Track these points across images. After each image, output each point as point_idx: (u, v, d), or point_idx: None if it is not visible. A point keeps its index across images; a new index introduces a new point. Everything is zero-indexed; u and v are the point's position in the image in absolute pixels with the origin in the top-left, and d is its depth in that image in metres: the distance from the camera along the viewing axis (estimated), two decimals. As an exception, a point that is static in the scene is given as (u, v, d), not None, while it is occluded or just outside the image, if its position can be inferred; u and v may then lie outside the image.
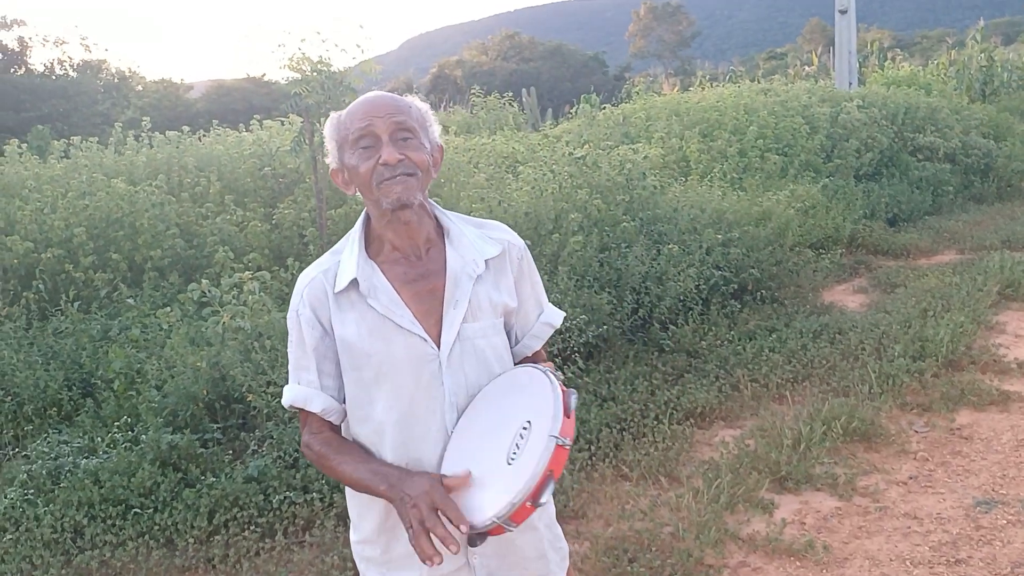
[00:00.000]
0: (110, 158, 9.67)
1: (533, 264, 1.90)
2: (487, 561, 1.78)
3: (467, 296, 1.74)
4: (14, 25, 31.21)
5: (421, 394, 1.72)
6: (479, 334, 1.76)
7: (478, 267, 1.76)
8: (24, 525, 3.93)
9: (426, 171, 1.72)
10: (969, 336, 5.87)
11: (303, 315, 1.76)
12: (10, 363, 5.50)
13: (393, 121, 1.69)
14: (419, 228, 1.75)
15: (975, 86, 17.78)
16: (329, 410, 1.79)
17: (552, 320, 1.92)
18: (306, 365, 1.78)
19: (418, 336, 1.71)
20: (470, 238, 1.80)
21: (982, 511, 3.80)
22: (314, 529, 3.83)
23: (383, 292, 1.72)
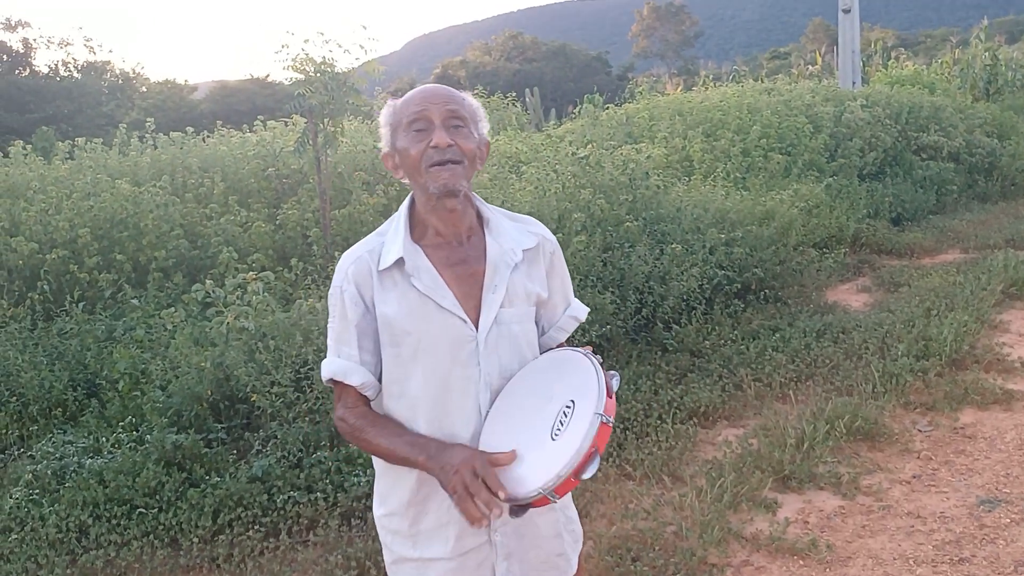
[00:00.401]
0: (114, 159, 9.72)
1: (563, 259, 1.98)
2: (507, 540, 1.84)
3: (505, 282, 1.82)
4: (19, 27, 31.30)
5: (457, 373, 1.78)
6: (515, 319, 1.84)
7: (516, 256, 1.84)
8: (29, 525, 3.94)
9: (472, 161, 1.79)
10: (973, 335, 5.86)
11: (347, 291, 1.82)
12: (15, 364, 5.52)
13: (447, 108, 1.77)
14: (463, 216, 1.82)
15: (979, 85, 17.74)
16: (367, 384, 1.84)
17: (577, 314, 2.00)
18: (347, 340, 1.83)
19: (458, 317, 1.78)
20: (508, 229, 1.88)
21: (986, 510, 3.80)
22: (318, 528, 3.83)
23: (426, 273, 1.79)
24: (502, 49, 61.87)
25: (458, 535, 1.81)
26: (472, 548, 1.83)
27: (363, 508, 3.95)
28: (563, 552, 1.92)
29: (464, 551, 1.82)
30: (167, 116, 26.44)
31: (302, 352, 4.70)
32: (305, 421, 4.51)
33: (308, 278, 6.49)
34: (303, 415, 4.53)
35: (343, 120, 7.46)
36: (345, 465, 4.24)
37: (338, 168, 8.50)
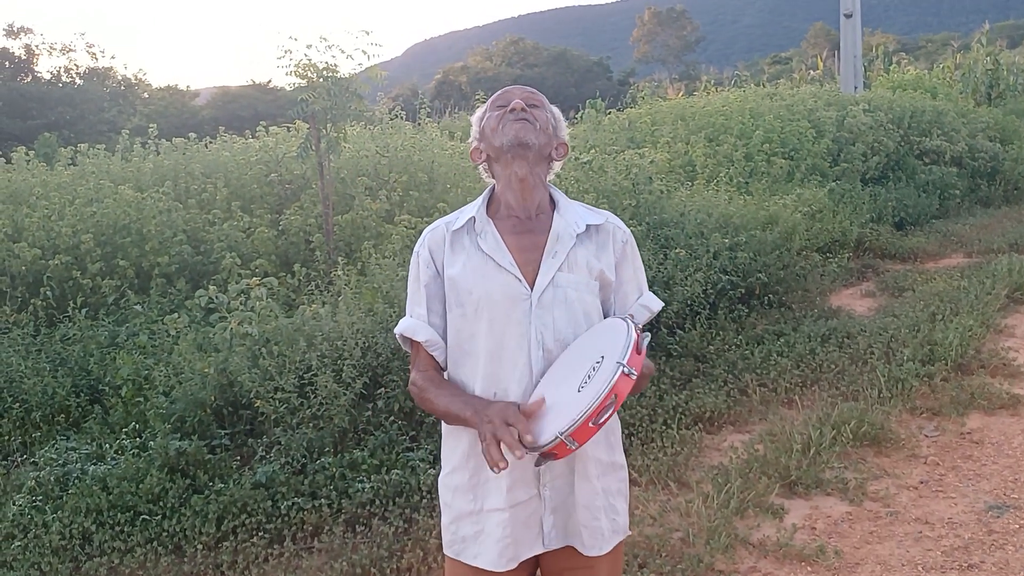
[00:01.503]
0: (117, 165, 9.70)
1: (637, 252, 2.08)
2: (555, 495, 1.95)
3: (566, 251, 1.94)
4: (21, 33, 31.36)
5: (512, 329, 1.91)
6: (571, 285, 1.94)
7: (579, 228, 1.97)
8: (32, 532, 3.92)
9: (546, 131, 1.95)
10: (978, 340, 5.85)
11: (422, 255, 2.01)
12: (18, 370, 5.51)
13: (528, 94, 1.98)
14: (533, 189, 1.96)
15: (981, 89, 17.73)
16: (432, 342, 2.00)
17: (651, 304, 2.07)
18: (418, 300, 2.01)
19: (514, 276, 1.92)
20: (577, 209, 2.02)
21: (994, 515, 3.78)
22: (322, 535, 3.81)
23: (491, 236, 1.95)
24: (503, 55, 61.98)
25: (510, 487, 1.92)
26: (523, 500, 1.93)
27: (367, 515, 3.94)
28: (598, 529, 1.97)
29: (516, 502, 1.93)
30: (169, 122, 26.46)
31: (305, 358, 4.69)
32: (309, 427, 4.49)
33: (311, 283, 6.47)
34: (307, 421, 4.51)
35: (346, 125, 7.45)
36: (349, 471, 4.22)
37: (341, 173, 8.48)
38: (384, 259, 5.95)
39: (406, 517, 3.88)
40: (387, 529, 3.77)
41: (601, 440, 1.95)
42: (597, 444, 1.94)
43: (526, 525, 1.94)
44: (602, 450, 1.98)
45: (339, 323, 4.92)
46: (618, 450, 2.04)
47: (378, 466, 4.25)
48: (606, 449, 1.99)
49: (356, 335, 4.84)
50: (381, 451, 4.38)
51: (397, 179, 8.42)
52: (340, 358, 4.71)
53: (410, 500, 4.00)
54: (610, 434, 2.01)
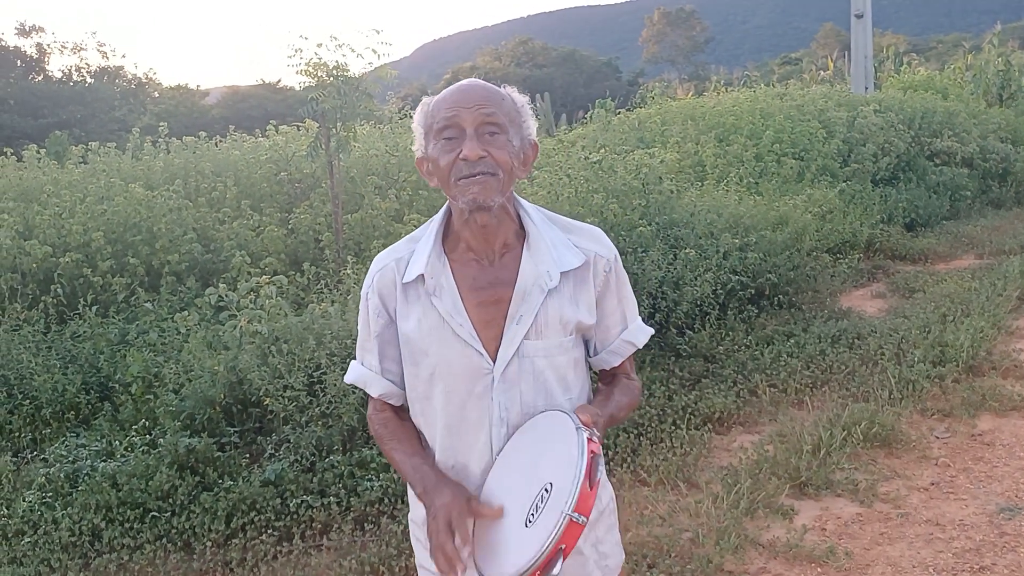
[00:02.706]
0: (127, 163, 9.75)
1: (624, 277, 1.80)
2: None
3: (533, 311, 1.66)
4: (33, 32, 31.52)
5: (472, 404, 1.68)
6: (541, 353, 1.68)
7: (552, 280, 1.67)
8: (42, 528, 3.94)
9: (509, 172, 1.63)
10: (989, 341, 5.82)
11: (371, 301, 1.76)
12: (29, 367, 5.53)
13: (481, 113, 1.60)
14: (496, 231, 1.68)
15: (992, 90, 17.62)
16: (388, 395, 1.80)
17: (635, 338, 1.81)
18: (370, 348, 1.79)
19: (474, 349, 1.67)
20: (550, 245, 1.69)
21: (1005, 518, 3.75)
22: (331, 533, 3.82)
23: (448, 294, 1.68)
24: (512, 55, 61.96)
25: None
26: None
27: (376, 513, 3.94)
28: None
29: None
30: (179, 121, 26.52)
31: (315, 356, 4.69)
32: (318, 425, 4.49)
33: (320, 282, 6.48)
34: (316, 419, 4.52)
35: (355, 124, 7.46)
36: (358, 469, 4.22)
37: (350, 172, 8.50)
38: (393, 258, 5.95)
39: (415, 516, 3.88)
40: (396, 527, 3.77)
41: None
42: None
43: None
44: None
45: (348, 322, 4.92)
46: (603, 493, 1.81)
47: (387, 464, 4.25)
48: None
49: (365, 334, 4.84)
50: (390, 450, 4.37)
51: (407, 178, 8.43)
52: (349, 356, 4.71)
53: (419, 499, 4.00)
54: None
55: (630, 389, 1.83)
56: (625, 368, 1.85)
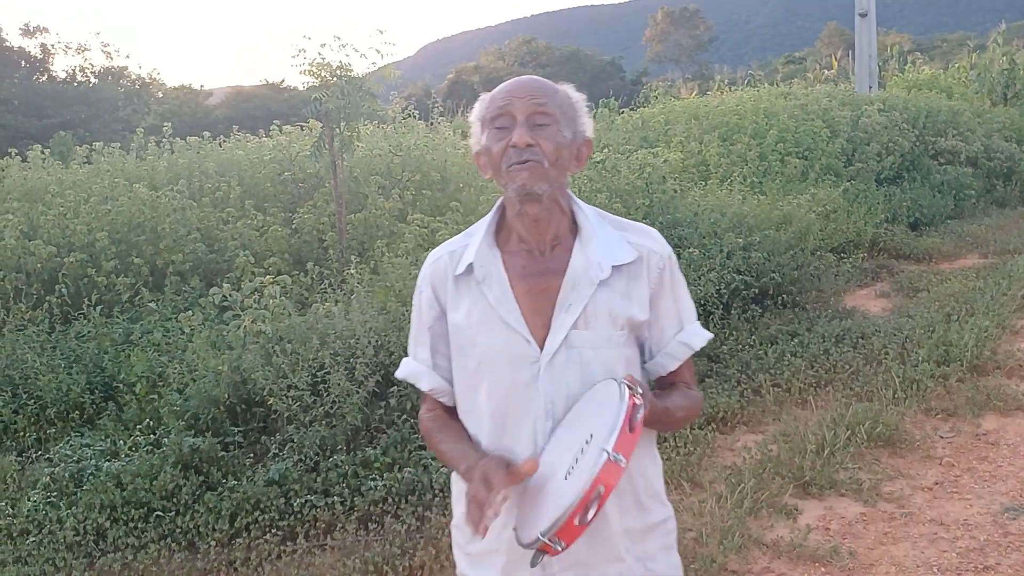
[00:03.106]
0: (132, 163, 9.76)
1: (680, 278, 1.77)
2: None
3: (583, 301, 1.65)
4: (37, 33, 31.58)
5: (518, 394, 1.66)
6: (588, 344, 1.65)
7: (602, 272, 1.66)
8: (47, 528, 3.95)
9: (557, 164, 1.63)
10: (994, 340, 5.81)
11: (424, 294, 1.77)
12: (33, 367, 5.54)
13: (533, 103, 1.62)
14: (547, 223, 1.68)
15: (997, 89, 17.57)
16: (438, 390, 1.80)
17: (691, 340, 1.76)
18: (422, 342, 1.79)
19: (521, 336, 1.66)
20: (603, 240, 1.69)
21: (1010, 517, 3.75)
22: (335, 532, 3.82)
23: (497, 282, 1.68)
24: (515, 54, 62.00)
25: (504, 566, 1.70)
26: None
27: (380, 512, 3.94)
28: None
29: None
30: (183, 121, 26.57)
31: (319, 356, 4.70)
32: (322, 425, 4.50)
33: (324, 282, 6.49)
34: (320, 419, 4.52)
35: (359, 124, 7.46)
36: (362, 469, 4.23)
37: (354, 172, 8.50)
38: (397, 258, 5.96)
39: (418, 515, 3.88)
40: (399, 527, 3.78)
41: (629, 507, 1.70)
42: (627, 511, 1.69)
43: None
44: (632, 517, 1.71)
45: (352, 321, 4.92)
46: (656, 506, 1.76)
47: (390, 464, 4.26)
48: (637, 514, 1.72)
49: (369, 333, 4.85)
50: (394, 449, 4.39)
51: (410, 178, 8.43)
52: (353, 356, 4.72)
53: (422, 498, 4.00)
54: (640, 492, 1.73)
55: (688, 396, 1.77)
56: (684, 376, 1.79)
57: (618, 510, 1.67)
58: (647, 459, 1.76)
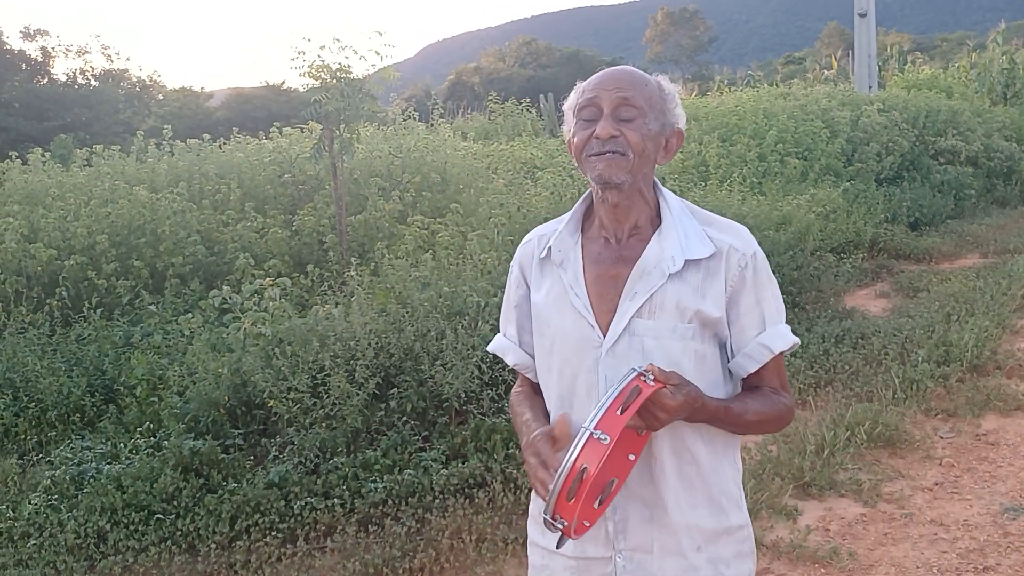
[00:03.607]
0: (132, 166, 9.77)
1: (765, 277, 1.73)
2: (633, 568, 1.71)
3: (649, 291, 1.65)
4: (38, 36, 31.57)
5: (582, 378, 1.70)
6: (651, 333, 1.65)
7: (674, 265, 1.65)
8: (48, 531, 3.95)
9: (641, 153, 1.64)
10: (994, 340, 5.80)
11: (513, 273, 1.86)
12: (34, 369, 5.55)
13: (619, 95, 1.64)
14: (627, 211, 1.69)
15: (997, 89, 17.58)
16: (523, 365, 1.86)
17: (771, 343, 1.70)
18: (510, 319, 1.87)
19: (586, 320, 1.69)
20: (683, 233, 1.68)
21: (1010, 518, 3.75)
22: (335, 535, 3.82)
23: (572, 266, 1.72)
24: (516, 55, 61.99)
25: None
26: (594, 557, 1.72)
27: (380, 515, 3.94)
28: None
29: (585, 555, 1.72)
30: (184, 123, 26.57)
31: (319, 358, 4.70)
32: (322, 427, 4.50)
33: (324, 284, 6.50)
34: (320, 421, 4.52)
35: (359, 126, 7.47)
36: (362, 471, 4.23)
37: (354, 174, 8.51)
38: (397, 259, 5.97)
39: (419, 517, 3.88)
40: (400, 529, 3.78)
41: (701, 503, 1.69)
42: (695, 508, 1.69)
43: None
44: (704, 515, 1.70)
45: (352, 323, 4.93)
46: (733, 511, 1.74)
47: (391, 466, 4.26)
48: (710, 513, 1.70)
49: (369, 335, 4.85)
50: (394, 451, 4.39)
51: (410, 180, 8.44)
52: (353, 358, 4.73)
53: (422, 500, 4.01)
54: (721, 494, 1.71)
55: (769, 399, 1.72)
56: (769, 379, 1.74)
57: (686, 505, 1.68)
58: (725, 461, 1.74)
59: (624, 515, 1.69)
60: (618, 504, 1.68)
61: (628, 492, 1.67)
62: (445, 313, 5.06)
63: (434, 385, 4.68)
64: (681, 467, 1.68)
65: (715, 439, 1.71)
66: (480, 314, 5.05)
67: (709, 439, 1.70)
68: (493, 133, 15.10)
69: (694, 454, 1.69)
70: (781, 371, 1.76)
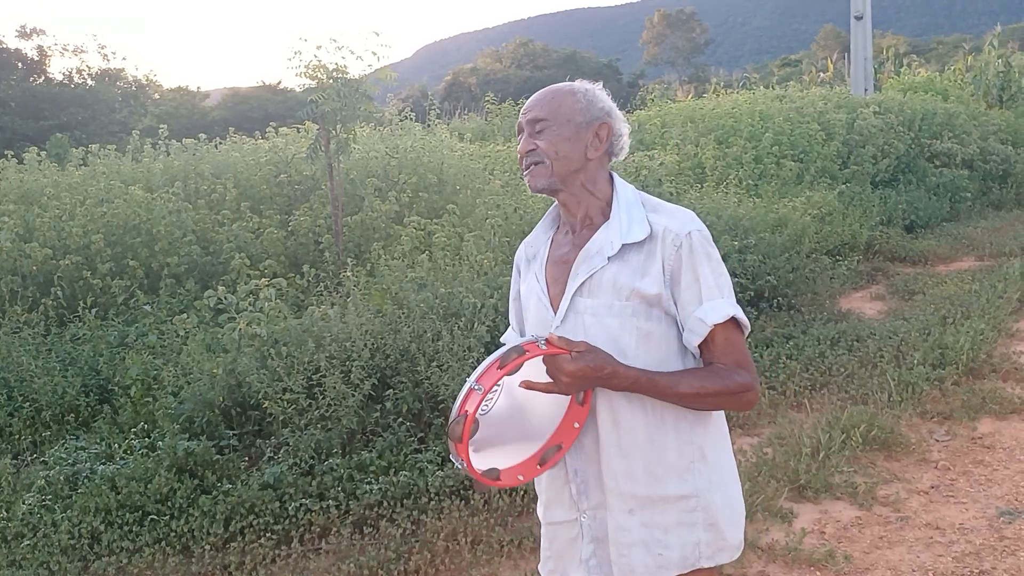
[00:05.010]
0: (128, 166, 9.76)
1: (703, 255, 1.81)
2: (594, 525, 1.89)
3: (589, 272, 1.83)
4: (34, 35, 31.50)
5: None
6: (590, 311, 1.83)
7: (612, 248, 1.82)
8: (42, 531, 3.93)
9: (557, 157, 1.84)
10: (989, 343, 5.81)
11: (513, 270, 2.10)
12: (28, 369, 5.53)
13: (529, 116, 1.88)
14: (576, 206, 1.90)
15: (992, 92, 17.62)
16: None
17: (705, 316, 1.79)
18: (513, 311, 2.10)
19: (543, 303, 1.92)
20: (626, 221, 1.84)
21: (1005, 521, 3.75)
22: (330, 536, 3.81)
23: (539, 259, 1.97)
24: (513, 56, 62.00)
25: (546, 503, 1.96)
26: (561, 521, 1.93)
27: (375, 516, 3.93)
28: (630, 564, 1.87)
29: (554, 520, 1.95)
30: (180, 123, 26.51)
31: (314, 359, 4.69)
32: (317, 428, 4.49)
33: (320, 284, 6.48)
34: (315, 422, 4.51)
35: (355, 126, 7.46)
36: (357, 473, 4.22)
37: (350, 174, 8.50)
38: (393, 260, 5.96)
39: (414, 519, 3.88)
40: (395, 531, 3.77)
41: (638, 472, 1.83)
42: (630, 477, 1.83)
43: (568, 547, 1.94)
44: (639, 483, 1.83)
45: (348, 324, 4.92)
46: (672, 480, 1.84)
47: (386, 468, 4.25)
48: (646, 482, 1.83)
49: (365, 336, 4.84)
50: (389, 453, 4.38)
51: (407, 180, 8.43)
52: (349, 359, 4.72)
53: (418, 502, 4.00)
54: (658, 464, 1.83)
55: (716, 375, 1.80)
56: (720, 355, 1.82)
57: (621, 472, 1.82)
58: (671, 435, 1.84)
59: (584, 477, 1.88)
60: (578, 468, 1.87)
61: (587, 457, 1.86)
62: (441, 314, 5.05)
63: (430, 386, 4.67)
64: (620, 436, 1.82)
65: (663, 413, 1.83)
66: (476, 315, 5.04)
67: (653, 412, 1.82)
68: (490, 134, 15.09)
69: (632, 425, 1.82)
70: (736, 348, 1.83)
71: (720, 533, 1.88)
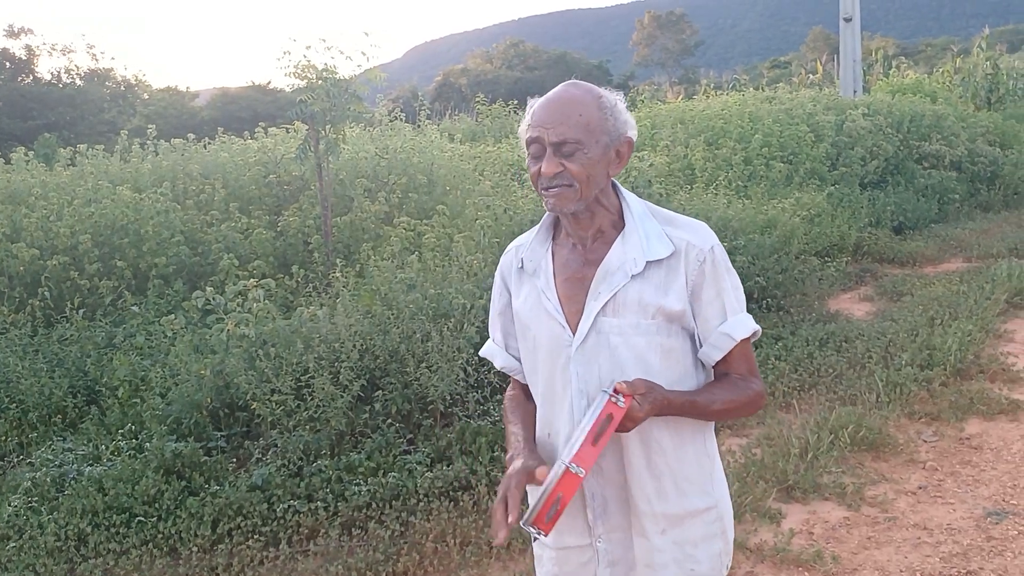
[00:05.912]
0: (116, 166, 9.71)
1: (724, 270, 1.81)
2: (612, 548, 1.84)
3: (612, 290, 1.75)
4: (22, 34, 31.32)
5: (558, 376, 1.81)
6: (616, 330, 1.76)
7: (636, 266, 1.75)
8: (28, 533, 3.91)
9: (587, 181, 1.71)
10: (977, 345, 5.84)
11: (496, 281, 1.98)
12: (15, 370, 5.50)
13: (557, 134, 1.70)
14: (588, 221, 1.80)
15: (981, 94, 17.71)
16: (510, 368, 1.98)
17: (732, 331, 1.79)
18: (496, 325, 2.00)
19: (557, 321, 1.80)
20: (644, 235, 1.77)
21: (993, 522, 3.76)
22: (318, 538, 3.80)
23: (543, 273, 1.84)
24: (503, 57, 62.06)
25: (558, 528, 1.80)
26: (574, 546, 1.87)
27: (364, 518, 3.92)
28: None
29: (564, 546, 1.87)
30: (168, 123, 26.42)
31: (303, 360, 4.68)
32: (305, 429, 4.48)
33: (309, 285, 6.47)
34: (303, 423, 4.50)
35: (345, 127, 7.44)
36: (346, 474, 4.21)
37: (340, 175, 8.48)
38: (382, 261, 5.95)
39: (403, 520, 3.87)
40: (383, 532, 3.76)
41: (669, 491, 1.80)
42: (662, 497, 1.79)
43: (579, 571, 1.88)
44: (670, 502, 1.80)
45: (337, 325, 4.90)
46: (696, 493, 1.83)
47: (375, 469, 4.24)
48: (676, 499, 1.81)
49: (354, 337, 4.83)
50: (378, 454, 4.37)
51: (396, 181, 8.41)
52: (337, 360, 4.70)
53: (407, 503, 3.99)
54: (684, 479, 1.81)
55: (737, 386, 1.81)
56: (736, 366, 1.83)
57: (653, 494, 1.78)
58: (690, 446, 1.83)
59: (603, 501, 1.81)
60: (596, 492, 1.81)
61: (606, 479, 1.80)
62: (431, 315, 5.04)
63: (419, 387, 4.66)
64: (650, 456, 1.79)
65: (681, 427, 1.80)
66: (466, 316, 5.03)
67: (675, 428, 1.79)
68: (480, 135, 15.09)
69: (660, 444, 1.79)
70: (748, 357, 1.85)
71: (728, 540, 1.90)
